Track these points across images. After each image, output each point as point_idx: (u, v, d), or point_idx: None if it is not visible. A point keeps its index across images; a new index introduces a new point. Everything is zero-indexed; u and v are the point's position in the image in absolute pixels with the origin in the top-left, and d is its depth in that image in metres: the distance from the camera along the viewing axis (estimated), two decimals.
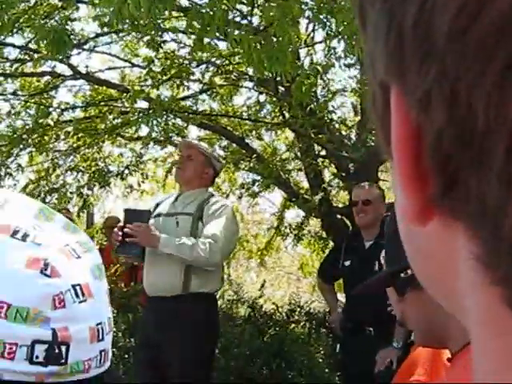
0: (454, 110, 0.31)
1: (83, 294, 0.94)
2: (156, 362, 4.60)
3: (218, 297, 7.64)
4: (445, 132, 0.32)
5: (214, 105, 8.74)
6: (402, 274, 1.68)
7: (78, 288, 0.93)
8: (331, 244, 7.83)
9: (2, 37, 7.32)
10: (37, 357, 0.90)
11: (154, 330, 4.62)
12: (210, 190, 5.12)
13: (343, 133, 8.22)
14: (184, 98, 8.06)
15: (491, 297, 0.34)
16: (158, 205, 4.98)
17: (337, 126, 8.08)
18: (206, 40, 5.42)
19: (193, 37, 5.05)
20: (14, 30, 7.03)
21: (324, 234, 8.55)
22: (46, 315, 0.90)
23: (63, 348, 0.91)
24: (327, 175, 8.63)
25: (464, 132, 0.31)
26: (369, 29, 0.37)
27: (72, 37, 6.57)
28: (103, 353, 0.98)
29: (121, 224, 4.63)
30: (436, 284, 0.41)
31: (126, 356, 6.03)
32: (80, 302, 0.93)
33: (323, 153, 8.18)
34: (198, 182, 4.83)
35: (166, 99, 6.47)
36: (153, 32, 6.00)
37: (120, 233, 4.54)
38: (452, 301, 0.39)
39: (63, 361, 0.92)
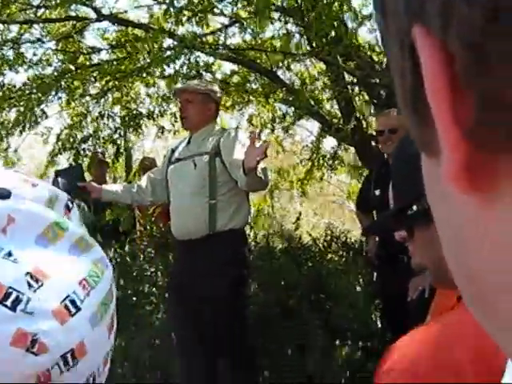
0: None
1: (74, 358, 0.85)
2: (190, 305, 4.66)
3: (256, 232, 7.73)
4: (470, 23, 0.30)
5: (244, 38, 8.68)
6: (409, 211, 1.63)
7: (68, 355, 0.85)
8: (366, 172, 7.80)
9: None
10: None
11: (186, 273, 4.67)
12: (218, 126, 5.12)
13: (374, 58, 8.09)
14: (209, 34, 8.00)
15: None
16: (173, 151, 5.01)
17: (367, 52, 7.96)
18: None
19: None
20: None
21: (360, 163, 8.51)
22: None
23: None
24: (360, 103, 8.54)
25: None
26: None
27: None
28: None
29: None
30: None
31: (166, 295, 6.09)
32: (70, 368, 0.85)
33: (355, 81, 8.09)
34: (203, 121, 4.83)
35: (188, 36, 6.40)
36: None
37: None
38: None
39: None
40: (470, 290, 0.38)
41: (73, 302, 0.85)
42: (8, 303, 0.80)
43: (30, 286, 0.82)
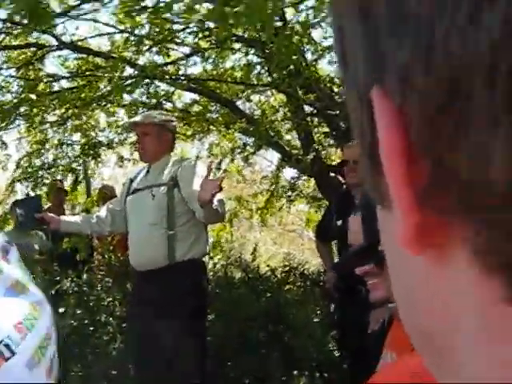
0: (432, 62, 0.30)
1: None
2: (147, 335, 4.63)
3: (214, 261, 7.71)
4: (427, 94, 0.30)
5: (205, 67, 8.71)
6: (380, 247, 1.65)
7: None
8: (326, 203, 7.85)
9: None
10: None
11: (145, 303, 4.64)
12: (175, 156, 5.16)
13: (334, 90, 8.15)
14: (170, 63, 8.01)
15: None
16: (131, 180, 5.00)
17: (327, 84, 8.02)
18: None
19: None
20: None
21: (319, 193, 8.56)
22: None
23: None
24: (319, 134, 8.61)
25: (446, 82, 0.30)
26: (347, 42, 0.36)
27: (55, 5, 6.50)
28: None
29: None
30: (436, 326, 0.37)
31: (124, 325, 6.04)
32: None
33: (315, 112, 8.15)
34: (161, 152, 4.83)
35: (148, 65, 6.40)
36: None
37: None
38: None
39: None
40: (425, 349, 0.39)
41: (7, 346, 0.84)
42: None
43: None
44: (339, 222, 5.21)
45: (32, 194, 7.96)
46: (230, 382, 5.71)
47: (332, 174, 7.72)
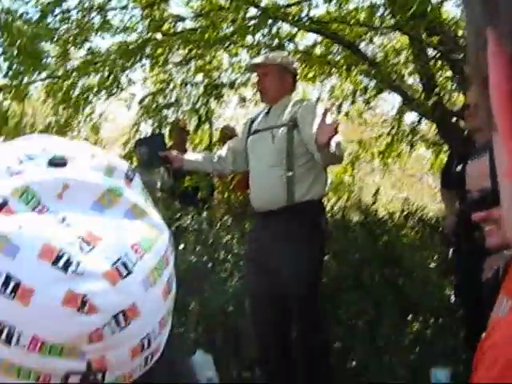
0: None
1: (126, 319, 0.87)
2: (266, 273, 4.70)
3: (332, 203, 7.73)
4: None
5: (328, 9, 8.60)
6: None
7: (120, 316, 0.86)
8: (446, 148, 7.74)
9: None
10: None
11: (265, 243, 4.70)
12: (296, 97, 5.14)
13: (458, 33, 7.96)
14: (292, 5, 7.95)
15: None
16: (252, 121, 5.03)
17: (451, 27, 7.83)
18: None
19: None
20: None
21: (440, 138, 8.42)
22: (82, 349, 0.85)
23: (99, 374, 0.87)
24: (442, 78, 8.44)
25: None
26: None
27: None
28: (149, 356, 0.94)
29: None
30: None
31: (241, 263, 6.15)
32: (122, 328, 0.87)
33: (438, 55, 7.98)
34: (281, 93, 4.85)
35: (271, 6, 6.40)
36: None
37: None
38: None
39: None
40: None
41: (124, 264, 0.88)
42: (59, 265, 0.84)
43: (81, 248, 0.86)
44: (459, 168, 5.14)
45: (156, 131, 8.08)
46: (342, 323, 5.76)
47: (454, 119, 7.60)
